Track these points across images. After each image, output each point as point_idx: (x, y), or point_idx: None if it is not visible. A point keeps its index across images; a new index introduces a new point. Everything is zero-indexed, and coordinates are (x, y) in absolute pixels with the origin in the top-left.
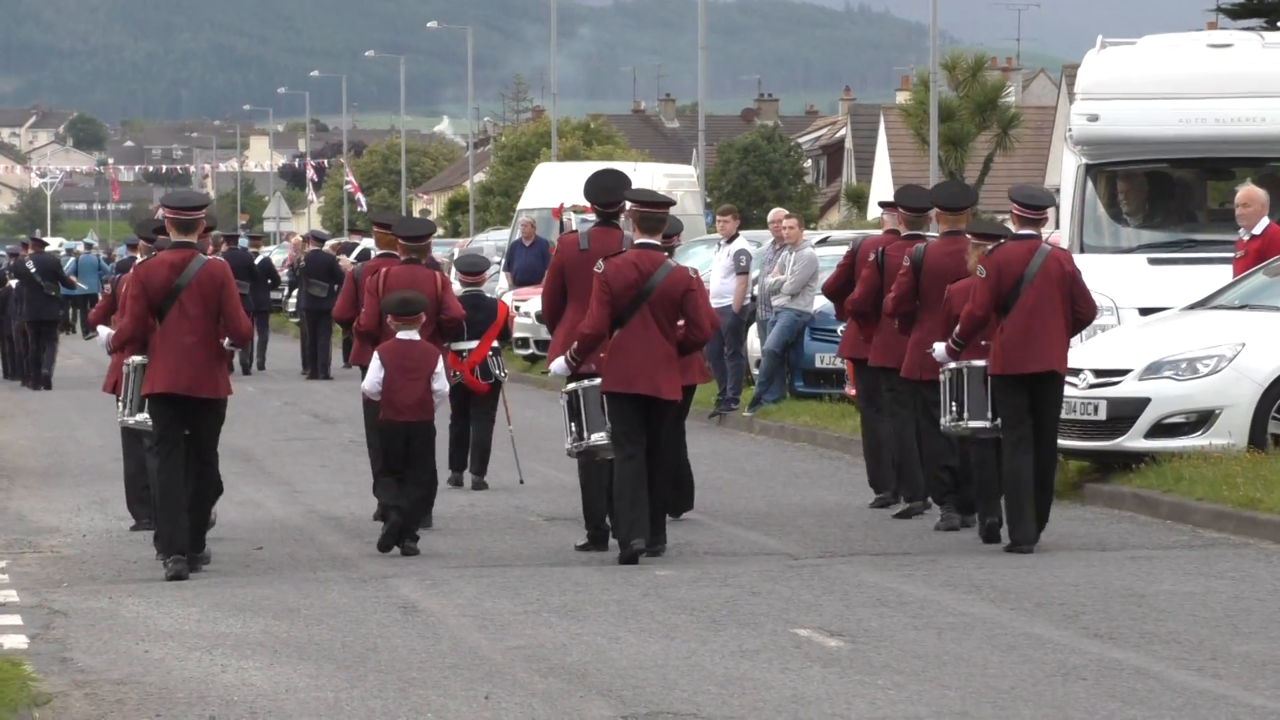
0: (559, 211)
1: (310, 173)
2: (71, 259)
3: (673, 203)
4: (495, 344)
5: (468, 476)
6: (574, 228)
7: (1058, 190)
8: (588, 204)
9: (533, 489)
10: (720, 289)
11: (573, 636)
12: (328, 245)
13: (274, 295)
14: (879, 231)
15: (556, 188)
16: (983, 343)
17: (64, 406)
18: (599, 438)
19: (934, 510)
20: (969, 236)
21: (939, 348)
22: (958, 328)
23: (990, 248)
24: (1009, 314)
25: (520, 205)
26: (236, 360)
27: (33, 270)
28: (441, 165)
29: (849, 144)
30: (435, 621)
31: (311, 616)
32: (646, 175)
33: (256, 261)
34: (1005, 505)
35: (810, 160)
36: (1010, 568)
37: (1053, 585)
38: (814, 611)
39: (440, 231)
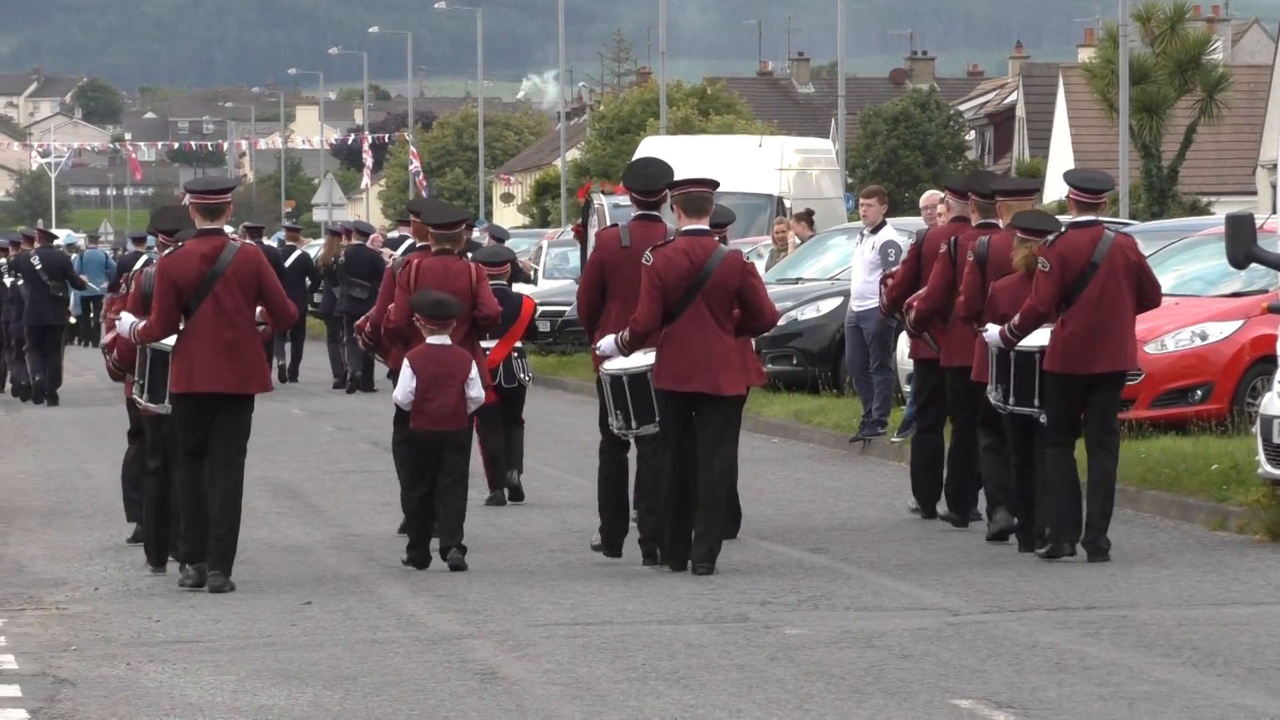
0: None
1: (366, 152)
2: (74, 256)
3: (717, 183)
4: (519, 344)
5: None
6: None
7: (1274, 166)
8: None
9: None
10: (863, 289)
11: (685, 709)
12: (372, 240)
13: (318, 297)
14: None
15: None
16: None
17: (71, 434)
18: (650, 429)
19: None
20: (1016, 230)
21: (993, 329)
22: (1017, 319)
23: (1051, 238)
24: (1072, 307)
25: None
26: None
27: (38, 267)
28: (527, 140)
29: (1020, 111)
30: (519, 691)
31: (370, 685)
32: (775, 150)
33: (292, 258)
34: (1046, 512)
35: (974, 131)
36: (1217, 625)
37: (1269, 646)
38: (978, 678)
39: (526, 221)
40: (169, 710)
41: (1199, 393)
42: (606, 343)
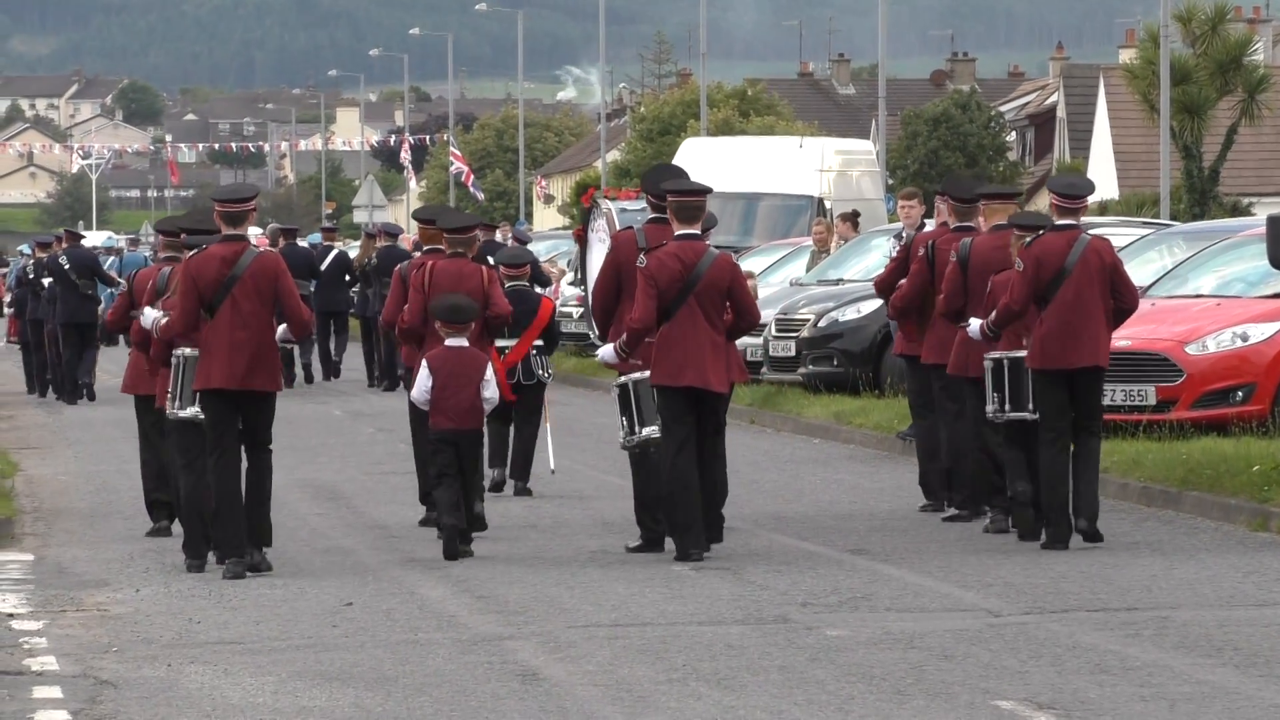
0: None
1: (404, 152)
2: (112, 257)
3: (709, 190)
4: (539, 343)
5: (510, 483)
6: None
7: None
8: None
9: None
10: None
11: (726, 710)
12: (403, 239)
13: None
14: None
15: (706, 168)
16: (1025, 340)
17: (112, 435)
18: (651, 431)
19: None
20: (1014, 229)
21: (974, 324)
22: (993, 315)
23: (1029, 240)
24: (1048, 307)
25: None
26: (298, 368)
27: (66, 267)
28: (567, 141)
29: (1061, 112)
30: (560, 692)
31: (411, 686)
32: (815, 152)
33: (330, 258)
34: (1045, 503)
35: (1015, 132)
36: (1259, 626)
37: None
38: (1019, 679)
39: (566, 222)
40: (210, 712)
41: (1240, 394)
42: (606, 350)
